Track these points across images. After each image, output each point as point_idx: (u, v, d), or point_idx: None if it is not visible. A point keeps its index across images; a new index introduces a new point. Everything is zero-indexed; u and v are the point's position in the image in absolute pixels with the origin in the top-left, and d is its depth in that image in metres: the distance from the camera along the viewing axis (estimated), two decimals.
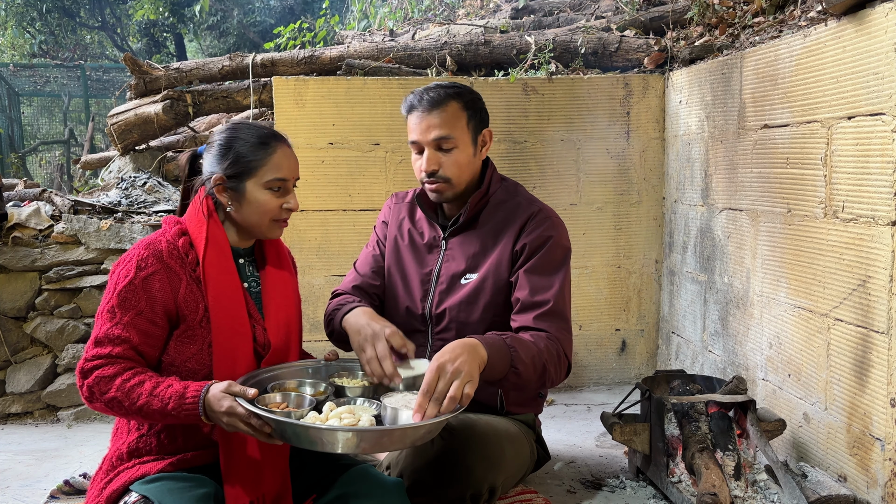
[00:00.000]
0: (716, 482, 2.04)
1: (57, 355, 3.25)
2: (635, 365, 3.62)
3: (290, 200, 1.77)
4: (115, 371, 1.58)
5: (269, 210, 1.74)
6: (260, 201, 1.73)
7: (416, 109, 2.05)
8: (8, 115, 9.89)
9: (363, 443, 1.50)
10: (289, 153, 1.77)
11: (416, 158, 2.09)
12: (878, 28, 2.00)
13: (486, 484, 1.87)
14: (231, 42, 11.34)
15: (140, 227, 3.25)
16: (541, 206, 2.14)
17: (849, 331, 2.15)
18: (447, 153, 2.04)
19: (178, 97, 3.76)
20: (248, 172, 1.72)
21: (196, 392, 1.55)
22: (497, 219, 2.12)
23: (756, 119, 2.65)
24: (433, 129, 2.02)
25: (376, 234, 2.30)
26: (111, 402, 1.58)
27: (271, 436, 1.52)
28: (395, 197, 2.32)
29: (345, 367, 1.88)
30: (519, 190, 2.20)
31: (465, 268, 2.10)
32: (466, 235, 2.13)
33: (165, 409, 1.55)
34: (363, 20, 5.54)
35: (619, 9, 4.00)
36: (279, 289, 1.82)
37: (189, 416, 1.55)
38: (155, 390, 1.56)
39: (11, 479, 2.59)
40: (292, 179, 1.77)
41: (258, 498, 1.65)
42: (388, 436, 1.54)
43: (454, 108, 2.04)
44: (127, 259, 1.67)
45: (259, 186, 1.72)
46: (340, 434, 1.48)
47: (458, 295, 2.08)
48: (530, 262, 2.04)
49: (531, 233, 2.06)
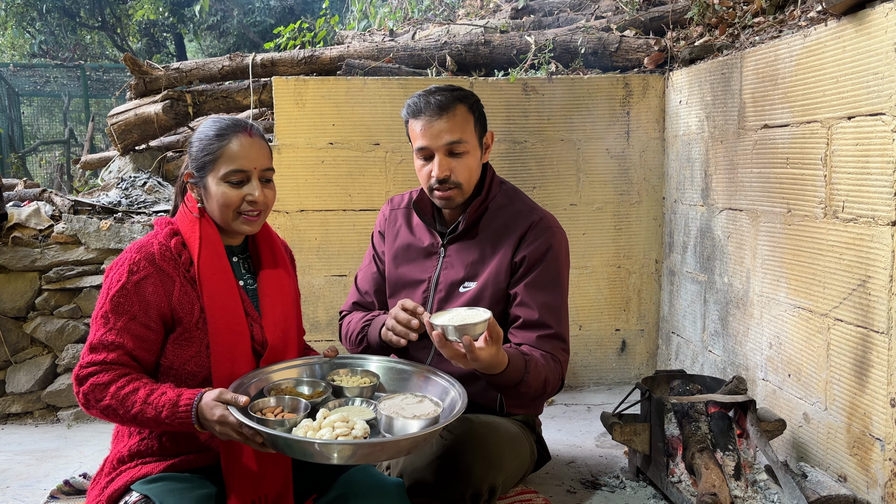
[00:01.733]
0: (716, 482, 2.04)
1: (57, 355, 3.25)
2: (635, 365, 3.62)
3: (253, 192, 1.70)
4: (110, 378, 1.58)
5: (229, 203, 1.70)
6: (219, 195, 1.70)
7: (422, 114, 1.98)
8: (8, 115, 9.89)
9: (355, 455, 1.48)
10: (248, 143, 1.71)
11: (422, 165, 2.03)
12: (878, 28, 2.00)
13: (485, 484, 1.87)
14: (231, 42, 11.34)
15: (140, 227, 3.25)
16: (542, 213, 2.10)
17: (849, 331, 2.15)
18: (458, 158, 1.99)
19: (178, 97, 3.76)
20: (207, 166, 1.71)
21: (189, 400, 1.54)
22: (496, 225, 2.08)
23: (756, 119, 2.65)
24: (444, 133, 1.96)
25: (374, 247, 2.27)
26: (106, 409, 1.57)
27: (264, 445, 1.50)
28: (391, 203, 2.28)
29: (344, 363, 1.88)
30: (519, 195, 2.16)
31: (463, 276, 2.07)
32: (465, 243, 2.09)
33: (159, 417, 1.54)
34: (363, 20, 5.54)
35: (619, 9, 4.00)
36: (275, 286, 1.81)
37: (183, 424, 1.54)
38: (149, 398, 1.55)
39: (11, 479, 2.59)
40: (254, 170, 1.71)
41: (260, 497, 1.65)
42: (381, 447, 1.52)
43: (462, 112, 1.99)
44: (119, 263, 1.66)
45: (217, 180, 1.70)
46: (334, 447, 1.46)
47: (456, 303, 2.05)
48: (531, 275, 2.01)
49: (531, 243, 2.02)
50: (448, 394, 1.73)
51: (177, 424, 1.54)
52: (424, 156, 2.01)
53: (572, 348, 3.49)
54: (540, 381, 1.90)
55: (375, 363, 1.89)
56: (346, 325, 2.18)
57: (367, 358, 1.91)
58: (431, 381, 1.80)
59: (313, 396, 1.70)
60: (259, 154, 1.72)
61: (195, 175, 1.73)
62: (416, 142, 2.01)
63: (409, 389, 1.79)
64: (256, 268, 1.82)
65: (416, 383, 1.81)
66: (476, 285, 2.05)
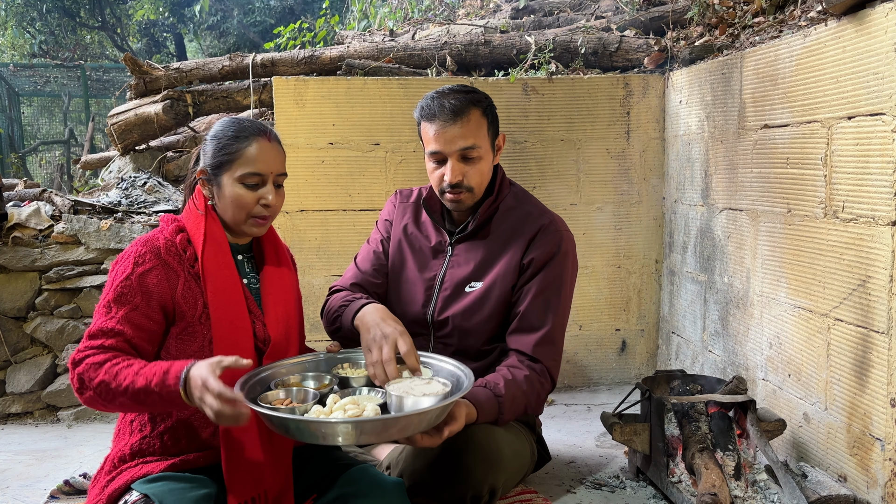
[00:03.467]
0: (716, 482, 2.04)
1: (57, 355, 3.25)
2: (635, 365, 3.62)
3: (267, 196, 1.71)
4: (106, 357, 1.56)
5: (243, 205, 1.71)
6: (234, 195, 1.71)
7: (436, 118, 1.96)
8: (8, 115, 9.89)
9: (365, 433, 1.48)
10: (267, 147, 1.72)
11: (434, 168, 2.02)
12: (878, 28, 2.00)
13: (486, 485, 1.87)
14: (231, 42, 11.34)
15: (140, 227, 3.25)
16: (552, 217, 2.09)
17: (849, 331, 2.15)
18: (471, 163, 1.98)
19: (178, 97, 3.76)
20: (224, 165, 1.71)
21: (181, 367, 1.50)
22: (506, 227, 2.07)
23: (756, 119, 2.65)
24: (458, 139, 1.95)
25: (379, 231, 2.26)
26: (99, 386, 1.54)
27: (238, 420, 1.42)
28: (400, 195, 2.27)
29: (347, 357, 1.88)
30: (528, 197, 2.15)
31: (470, 275, 2.06)
32: (473, 243, 2.09)
33: (149, 386, 1.50)
34: (363, 20, 5.54)
35: (619, 9, 4.00)
36: (278, 284, 1.82)
37: (171, 393, 1.49)
38: (141, 370, 1.53)
39: (11, 479, 2.59)
40: (270, 175, 1.73)
41: (260, 494, 1.65)
42: (392, 424, 1.51)
43: (476, 116, 1.98)
44: (125, 256, 1.67)
45: (233, 180, 1.70)
46: (341, 426, 1.46)
47: (462, 303, 2.05)
48: (536, 278, 2.01)
49: (540, 246, 2.02)
50: (455, 376, 1.74)
51: (165, 393, 1.49)
52: (437, 160, 2.00)
53: (572, 348, 3.52)
54: (519, 411, 1.93)
55: None
56: (329, 302, 2.13)
57: None
58: (437, 366, 1.81)
59: (320, 388, 1.71)
60: (276, 159, 1.75)
61: (209, 172, 1.74)
62: (429, 146, 2.00)
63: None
64: (260, 267, 1.83)
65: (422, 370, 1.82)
66: (483, 286, 2.05)
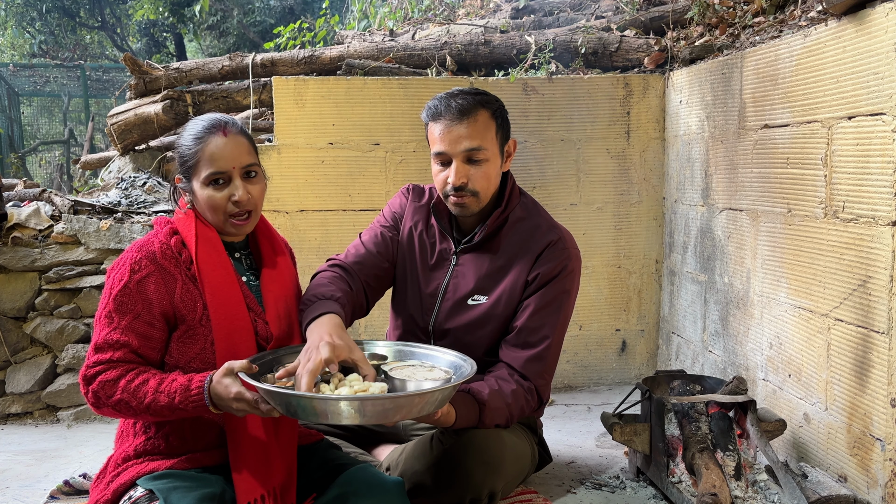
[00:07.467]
0: (716, 482, 2.04)
1: (57, 355, 3.25)
2: (635, 365, 3.62)
3: (235, 192, 1.68)
4: (118, 374, 1.59)
5: (216, 206, 1.69)
6: (205, 198, 1.70)
7: (442, 118, 1.90)
8: (8, 115, 9.89)
9: (368, 412, 1.47)
10: (223, 143, 1.68)
11: (439, 170, 1.96)
12: (879, 28, 2.00)
13: (485, 489, 1.86)
14: (231, 42, 11.33)
15: (140, 227, 3.25)
16: (561, 233, 2.03)
17: (849, 331, 2.15)
18: (477, 165, 1.91)
19: (178, 97, 3.76)
20: (191, 170, 1.71)
21: (200, 382, 1.56)
22: (513, 240, 2.01)
23: (756, 119, 2.65)
24: (463, 139, 1.88)
25: (388, 218, 2.15)
26: (118, 404, 1.58)
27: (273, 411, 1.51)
28: (412, 192, 2.17)
29: None
30: (538, 209, 2.08)
31: (473, 288, 2.02)
32: (479, 254, 2.03)
33: (173, 403, 1.55)
34: (363, 20, 5.54)
35: (619, 9, 4.00)
36: (277, 280, 1.81)
37: (197, 407, 1.55)
38: (160, 386, 1.57)
39: (11, 479, 2.59)
40: (233, 169, 1.68)
41: (270, 490, 1.65)
42: (400, 403, 1.50)
43: (484, 118, 1.91)
44: (121, 263, 1.67)
45: (201, 184, 1.70)
46: (343, 403, 1.45)
47: (465, 316, 2.02)
48: (538, 294, 1.97)
49: (546, 263, 1.97)
50: (457, 365, 1.74)
51: (191, 408, 1.55)
52: (442, 161, 1.94)
53: (572, 348, 3.52)
54: (499, 422, 1.92)
55: (382, 346, 1.90)
56: (314, 282, 1.97)
57: (374, 342, 1.92)
58: (440, 357, 1.81)
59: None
60: (236, 151, 1.70)
61: (183, 180, 1.75)
62: (434, 146, 1.94)
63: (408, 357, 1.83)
64: (258, 264, 1.83)
65: (424, 360, 1.83)
66: (488, 302, 2.01)
